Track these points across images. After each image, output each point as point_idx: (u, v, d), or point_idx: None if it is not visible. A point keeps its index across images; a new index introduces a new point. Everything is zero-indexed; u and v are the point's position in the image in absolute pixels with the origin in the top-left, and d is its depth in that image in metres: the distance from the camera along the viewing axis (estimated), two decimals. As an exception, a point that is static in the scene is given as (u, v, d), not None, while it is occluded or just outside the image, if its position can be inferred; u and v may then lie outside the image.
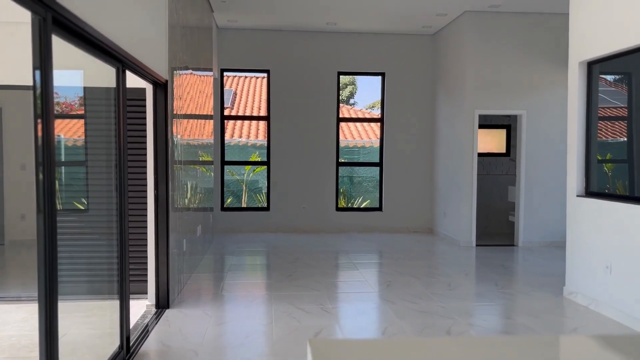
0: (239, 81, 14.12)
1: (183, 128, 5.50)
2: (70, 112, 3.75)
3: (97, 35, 2.90)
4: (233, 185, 10.89)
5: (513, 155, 9.63)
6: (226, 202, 10.07)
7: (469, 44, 7.96)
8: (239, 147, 11.31)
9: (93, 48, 3.04)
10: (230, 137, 11.21)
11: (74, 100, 3.82)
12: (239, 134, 11.99)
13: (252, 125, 11.93)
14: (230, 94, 13.00)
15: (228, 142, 10.60)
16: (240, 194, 11.03)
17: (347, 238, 8.77)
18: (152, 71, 4.19)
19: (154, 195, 4.60)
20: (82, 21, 2.70)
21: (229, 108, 11.81)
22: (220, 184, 9.41)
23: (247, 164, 10.42)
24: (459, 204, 8.17)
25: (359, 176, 10.81)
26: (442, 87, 9.04)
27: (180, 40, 5.36)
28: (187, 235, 5.79)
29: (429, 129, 9.51)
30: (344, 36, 9.30)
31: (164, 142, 4.62)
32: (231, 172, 10.56)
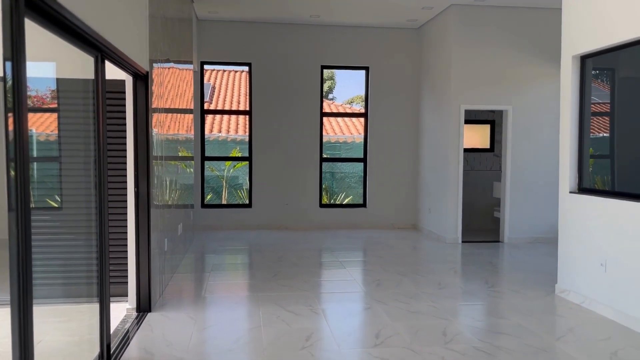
0: (217, 75, 13.82)
1: (163, 122, 5.26)
2: (42, 105, 3.50)
3: (74, 20, 2.66)
4: (213, 182, 10.63)
5: (497, 151, 9.59)
6: (206, 198, 9.82)
7: (454, 38, 7.85)
8: (219, 142, 11.05)
9: (70, 35, 2.80)
10: (210, 132, 10.94)
11: (45, 94, 3.57)
12: (218, 129, 11.72)
13: (232, 119, 11.67)
14: (209, 88, 12.71)
15: (207, 137, 10.34)
16: (220, 190, 10.78)
17: (331, 235, 8.61)
18: (133, 62, 3.95)
19: (134, 193, 4.36)
20: (58, 4, 2.46)
21: (208, 102, 11.53)
22: (201, 180, 9.15)
23: (228, 160, 10.17)
24: (445, 200, 8.08)
25: (342, 172, 10.65)
26: (427, 81, 8.93)
27: (161, 31, 5.11)
28: (169, 233, 5.55)
29: (413, 124, 9.40)
30: (328, 29, 9.11)
31: (145, 137, 4.38)
32: (211, 167, 10.31)
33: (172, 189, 5.85)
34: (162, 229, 5.14)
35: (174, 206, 6.01)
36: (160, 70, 5.02)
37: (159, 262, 4.93)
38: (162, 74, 5.17)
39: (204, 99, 9.19)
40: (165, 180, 5.36)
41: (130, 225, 4.39)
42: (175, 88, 6.12)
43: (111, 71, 4.09)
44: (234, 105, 12.05)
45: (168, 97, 5.61)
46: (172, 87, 5.86)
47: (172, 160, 5.85)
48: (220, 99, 13.10)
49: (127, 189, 4.39)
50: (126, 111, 4.34)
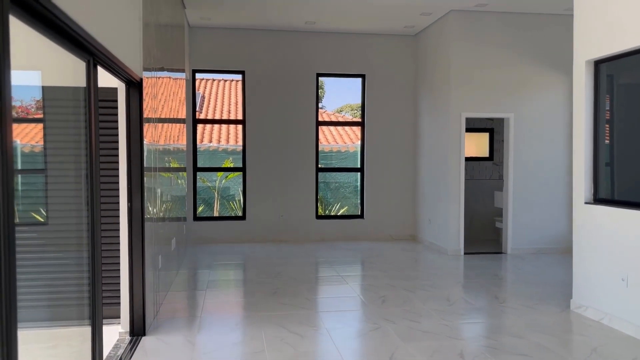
0: (206, 84, 13.54)
1: (157, 133, 4.97)
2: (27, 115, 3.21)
3: (66, 20, 2.39)
4: (204, 193, 10.33)
5: (497, 160, 9.41)
6: (198, 210, 9.51)
7: (454, 45, 7.67)
8: (210, 153, 10.77)
9: (60, 36, 2.53)
10: (200, 142, 10.66)
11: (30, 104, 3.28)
12: (209, 139, 11.44)
13: (223, 129, 11.39)
14: (198, 98, 12.43)
15: (198, 148, 10.06)
16: (212, 201, 10.48)
17: (329, 247, 8.34)
18: (127, 67, 3.68)
19: (127, 208, 4.07)
20: (49, 2, 2.19)
21: (198, 112, 11.25)
22: (193, 192, 8.84)
23: (221, 170, 9.87)
24: (446, 210, 7.85)
25: (336, 182, 10.40)
26: (425, 89, 8.74)
27: (155, 36, 4.84)
28: (163, 249, 5.25)
29: (411, 133, 9.19)
30: (323, 36, 8.90)
31: (139, 148, 4.09)
32: (202, 179, 10.00)
33: (165, 201, 5.56)
34: (156, 245, 4.84)
35: (168, 220, 5.71)
36: (154, 79, 4.74)
37: (153, 280, 4.63)
38: (156, 82, 4.89)
39: (196, 109, 8.90)
40: (158, 193, 5.06)
41: (123, 242, 4.09)
42: (167, 97, 5.84)
43: (103, 78, 3.82)
44: (224, 115, 11.77)
45: (160, 106, 5.33)
46: (164, 96, 5.58)
47: (164, 172, 5.56)
48: (210, 108, 12.82)
49: (120, 203, 4.09)
50: (118, 120, 4.06)
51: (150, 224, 4.56)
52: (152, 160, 4.62)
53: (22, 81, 2.99)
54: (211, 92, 13.49)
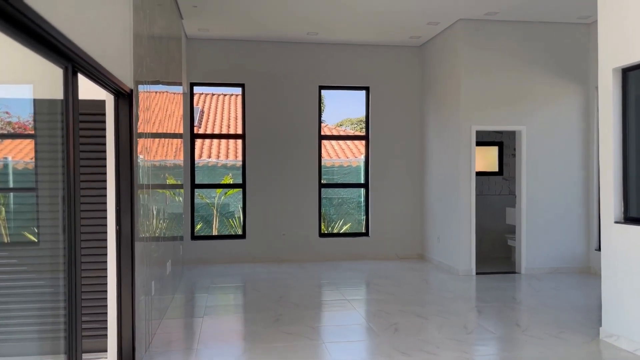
0: (205, 99, 13.24)
1: (152, 148, 4.62)
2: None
3: (38, 21, 2.04)
4: (203, 210, 9.94)
5: (506, 174, 9.04)
6: (196, 228, 9.12)
7: (463, 55, 7.35)
8: (209, 168, 10.40)
9: (33, 39, 2.18)
10: (199, 157, 10.31)
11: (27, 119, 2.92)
12: (208, 154, 11.09)
13: (222, 144, 11.05)
14: (197, 112, 12.11)
15: (197, 163, 9.70)
16: (211, 219, 10.09)
17: (333, 267, 7.94)
18: (114, 77, 3.33)
19: (115, 231, 3.69)
20: (20, 1, 1.85)
21: (197, 127, 10.92)
22: (191, 210, 8.47)
23: (220, 187, 9.48)
24: (456, 228, 7.46)
25: (339, 197, 10.02)
26: (432, 101, 8.40)
27: (147, 46, 4.51)
28: (156, 272, 4.86)
29: (418, 147, 8.84)
30: (326, 48, 8.59)
31: (128, 165, 3.73)
32: (201, 195, 9.63)
33: (160, 221, 5.18)
34: (149, 269, 4.45)
35: (162, 240, 5.33)
36: (146, 93, 4.40)
37: (144, 308, 4.23)
38: (149, 95, 4.54)
39: (194, 123, 8.55)
40: (152, 212, 4.69)
41: (111, 269, 3.70)
42: (163, 110, 5.50)
43: (90, 90, 3.48)
44: (224, 130, 11.44)
45: (155, 121, 4.98)
46: (160, 110, 5.24)
47: (159, 189, 5.19)
48: (210, 123, 12.49)
49: (108, 225, 3.71)
50: (107, 135, 3.70)
51: (143, 245, 4.18)
52: (145, 177, 4.26)
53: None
54: (210, 106, 13.18)
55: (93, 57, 2.87)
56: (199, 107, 12.24)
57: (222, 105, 13.23)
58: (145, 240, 4.35)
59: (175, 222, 6.41)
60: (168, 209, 5.81)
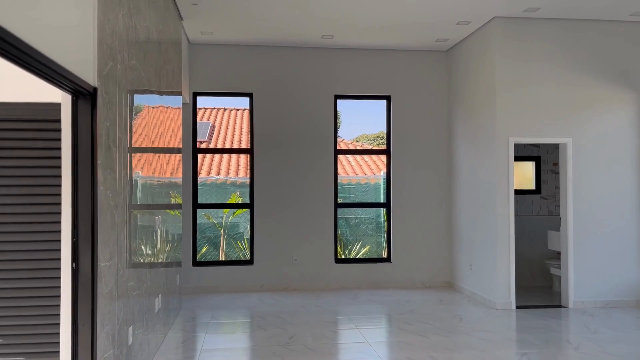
0: (217, 114, 12.52)
1: (137, 163, 3.80)
2: None
3: None
4: (209, 231, 9.11)
5: (545, 193, 8.07)
6: (200, 251, 8.29)
7: (498, 58, 6.46)
8: (217, 186, 9.59)
9: None
10: (207, 174, 9.53)
11: None
12: (217, 171, 10.30)
13: (232, 160, 10.25)
14: (208, 127, 11.36)
15: (204, 181, 8.92)
16: (217, 241, 9.24)
17: (351, 298, 7.01)
18: (67, 71, 2.52)
19: (71, 270, 2.85)
20: None
21: (207, 142, 10.16)
22: (192, 233, 7.62)
23: (224, 207, 8.63)
24: (492, 254, 6.51)
25: (357, 217, 9.12)
26: (461, 112, 7.51)
27: (125, 39, 3.71)
28: (139, 316, 4.01)
29: (446, 162, 7.92)
30: (342, 53, 7.77)
31: (89, 183, 2.89)
32: (207, 215, 8.81)
33: (148, 246, 4.35)
34: (124, 313, 3.59)
35: (150, 271, 4.48)
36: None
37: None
38: (142, 108, 3.74)
39: (197, 137, 7.76)
40: (135, 238, 3.86)
41: (65, 322, 2.85)
42: (154, 122, 4.70)
43: (42, 91, 2.69)
44: (235, 145, 10.66)
45: (143, 133, 4.17)
46: (148, 122, 4.43)
47: (146, 210, 4.36)
48: (220, 138, 11.75)
49: (62, 265, 2.87)
50: (62, 146, 2.87)
51: (117, 283, 3.34)
52: (123, 197, 3.43)
53: None
54: (222, 121, 12.47)
55: (26, 42, 2.06)
56: (209, 122, 11.53)
57: (235, 120, 12.47)
58: (121, 279, 3.51)
59: (169, 248, 5.58)
60: (159, 234, 4.98)
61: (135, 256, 3.91)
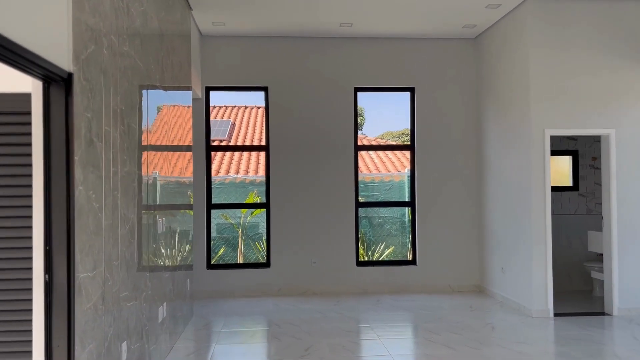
0: (237, 112, 12.20)
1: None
2: None
3: None
4: (227, 232, 8.77)
5: (583, 189, 7.48)
6: (218, 253, 7.97)
7: (533, 44, 5.92)
8: (235, 185, 9.23)
9: None
10: (226, 173, 9.19)
11: None
12: (236, 170, 9.95)
13: (252, 158, 9.89)
14: (229, 126, 11.03)
15: (222, 180, 8.60)
16: (236, 242, 8.89)
17: (373, 303, 6.56)
18: (34, 54, 2.15)
19: (44, 283, 2.48)
20: None
21: (227, 141, 9.83)
22: (206, 235, 7.27)
23: (240, 207, 8.26)
24: (527, 256, 5.98)
25: (380, 217, 8.65)
26: (492, 103, 6.97)
27: (109, 13, 3.35)
28: (136, 328, 3.64)
29: (475, 157, 7.39)
30: (362, 43, 7.31)
31: (65, 185, 2.52)
32: (224, 215, 8.46)
33: (149, 252, 3.99)
34: (116, 330, 3.23)
35: (152, 277, 4.12)
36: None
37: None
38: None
39: (210, 134, 7.39)
40: (132, 244, 3.50)
41: (37, 344, 2.48)
42: (161, 120, 4.34)
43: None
44: (255, 142, 10.30)
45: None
46: (148, 117, 4.07)
47: (147, 212, 4.00)
48: (241, 136, 11.42)
49: (33, 277, 2.51)
50: (33, 140, 2.51)
51: (105, 295, 2.97)
52: (112, 198, 3.06)
53: None
54: (242, 119, 12.15)
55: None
56: (230, 120, 11.22)
57: (255, 118, 12.13)
58: (114, 288, 3.14)
59: (179, 250, 5.22)
60: (166, 236, 4.63)
61: (132, 262, 3.54)
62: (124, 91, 3.40)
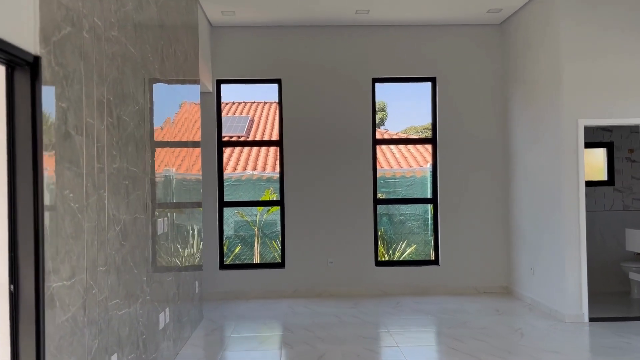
0: (257, 108, 11.94)
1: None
2: None
3: None
4: (243, 230, 8.49)
5: (619, 184, 6.97)
6: (234, 251, 7.71)
7: (564, 27, 5.47)
8: (252, 182, 8.95)
9: None
10: (243, 169, 8.92)
11: None
12: (253, 167, 9.67)
13: (270, 154, 9.60)
14: (247, 122, 10.76)
15: (239, 177, 8.35)
16: (252, 240, 8.61)
17: (393, 306, 6.19)
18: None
19: (9, 294, 2.19)
20: None
21: (245, 137, 9.56)
22: (218, 234, 6.99)
23: (253, 205, 7.97)
24: (558, 255, 5.54)
25: (402, 214, 8.25)
26: (520, 92, 6.52)
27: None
28: (129, 340, 3.36)
29: (501, 150, 6.95)
30: (380, 30, 6.92)
31: (31, 183, 2.23)
32: (240, 213, 8.19)
33: (148, 254, 3.71)
34: (103, 343, 2.94)
35: (152, 281, 3.84)
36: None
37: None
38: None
39: (222, 129, 7.10)
40: (124, 246, 3.22)
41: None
42: (162, 113, 4.05)
43: None
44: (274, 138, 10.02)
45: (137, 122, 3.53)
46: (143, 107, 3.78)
47: (151, 210, 3.72)
48: (259, 132, 11.15)
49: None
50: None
51: (88, 305, 2.69)
52: (96, 198, 2.78)
53: None
54: (261, 115, 11.88)
55: None
56: (248, 116, 10.96)
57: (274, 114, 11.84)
58: (101, 299, 2.86)
59: (185, 250, 4.94)
60: (168, 235, 4.35)
61: (124, 267, 3.25)
62: (113, 80, 3.11)
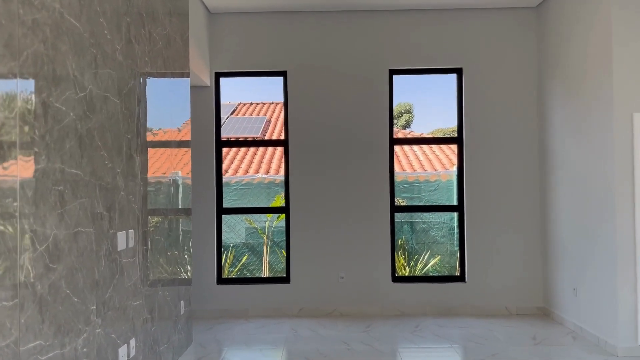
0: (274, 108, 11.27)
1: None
2: None
3: None
4: (251, 238, 7.78)
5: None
6: (241, 261, 7.01)
7: (613, 10, 4.59)
8: (263, 186, 8.24)
9: None
10: (255, 172, 8.23)
11: None
12: (266, 169, 8.96)
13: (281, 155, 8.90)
14: (263, 122, 10.06)
15: (249, 180, 7.66)
16: (260, 249, 7.89)
17: (412, 331, 5.37)
18: None
19: None
20: None
21: (260, 138, 8.88)
22: (216, 245, 6.27)
23: (257, 212, 7.24)
24: (608, 275, 4.65)
25: (425, 221, 7.42)
26: (558, 84, 5.64)
27: None
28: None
29: (538, 151, 6.07)
30: (398, 16, 6.13)
31: None
32: (248, 219, 7.49)
33: (105, 276, 3.00)
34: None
35: (108, 309, 3.13)
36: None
37: None
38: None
39: (220, 127, 6.40)
40: (61, 270, 2.51)
41: None
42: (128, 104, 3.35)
43: None
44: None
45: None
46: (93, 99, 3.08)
47: (106, 220, 3.01)
48: (275, 134, 10.48)
49: None
50: None
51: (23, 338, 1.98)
52: (37, 207, 2.07)
53: None
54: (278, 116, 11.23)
55: None
56: (265, 117, 10.29)
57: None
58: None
59: (166, 265, 4.24)
60: (136, 248, 3.64)
61: (56, 297, 2.54)
62: (35, 54, 2.40)
